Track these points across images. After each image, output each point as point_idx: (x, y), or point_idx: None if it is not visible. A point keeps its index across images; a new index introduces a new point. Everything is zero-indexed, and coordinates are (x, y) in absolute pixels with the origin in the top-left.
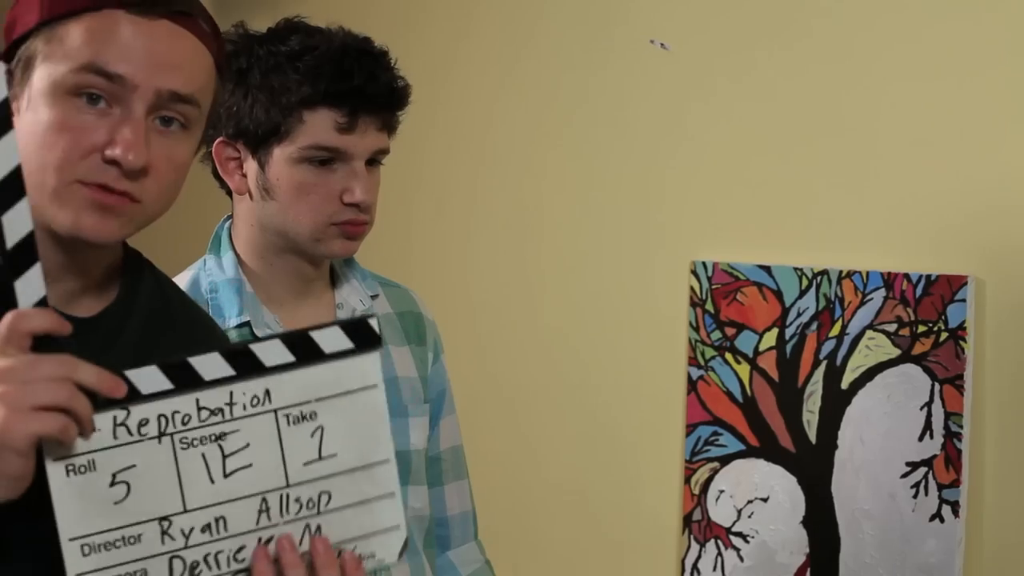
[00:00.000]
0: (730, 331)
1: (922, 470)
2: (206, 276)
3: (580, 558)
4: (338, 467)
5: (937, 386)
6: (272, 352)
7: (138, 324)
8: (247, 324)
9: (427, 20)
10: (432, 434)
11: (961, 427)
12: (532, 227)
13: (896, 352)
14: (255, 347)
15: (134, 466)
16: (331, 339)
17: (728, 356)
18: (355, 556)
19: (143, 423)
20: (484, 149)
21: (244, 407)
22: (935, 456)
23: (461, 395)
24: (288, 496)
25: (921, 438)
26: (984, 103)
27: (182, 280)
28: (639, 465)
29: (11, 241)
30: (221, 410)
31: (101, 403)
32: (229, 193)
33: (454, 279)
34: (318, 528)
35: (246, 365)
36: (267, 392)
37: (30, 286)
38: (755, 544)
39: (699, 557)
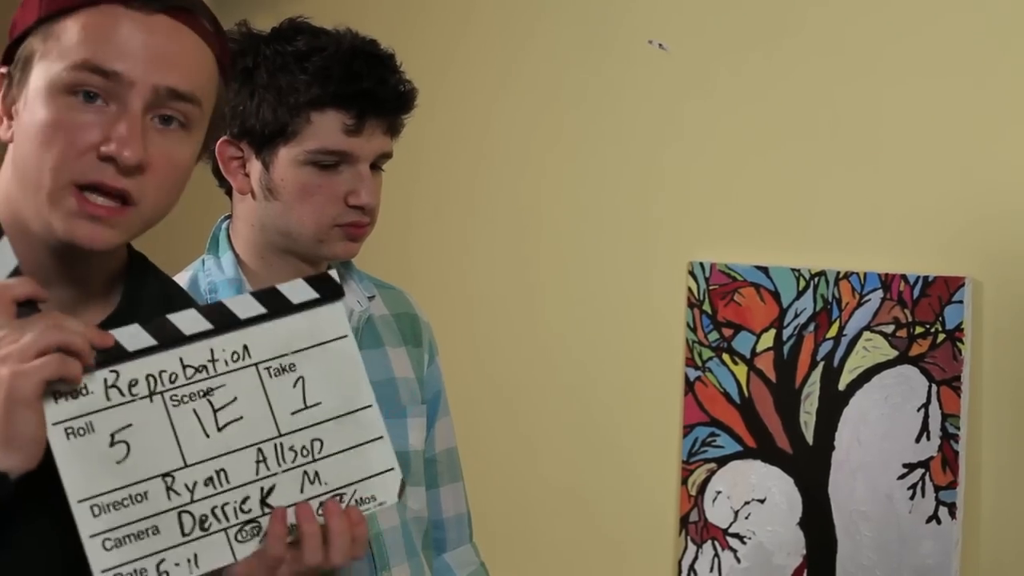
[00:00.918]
0: (727, 332)
1: (919, 471)
2: (205, 276)
3: (577, 559)
4: (325, 414)
5: (934, 387)
6: (244, 306)
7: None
8: None
9: (425, 20)
10: (428, 436)
11: (958, 429)
12: (530, 228)
13: (893, 353)
14: (228, 302)
15: (130, 425)
16: (297, 291)
17: (725, 357)
18: (357, 510)
19: (133, 383)
20: (482, 150)
21: (226, 363)
22: (932, 458)
23: (459, 395)
24: (282, 445)
25: (918, 439)
26: (981, 105)
27: (180, 280)
28: (636, 466)
29: None
30: (204, 367)
31: (90, 367)
32: (228, 192)
33: (452, 279)
34: (316, 474)
35: (221, 319)
36: (245, 348)
37: (1, 259)
38: (752, 545)
39: (696, 558)
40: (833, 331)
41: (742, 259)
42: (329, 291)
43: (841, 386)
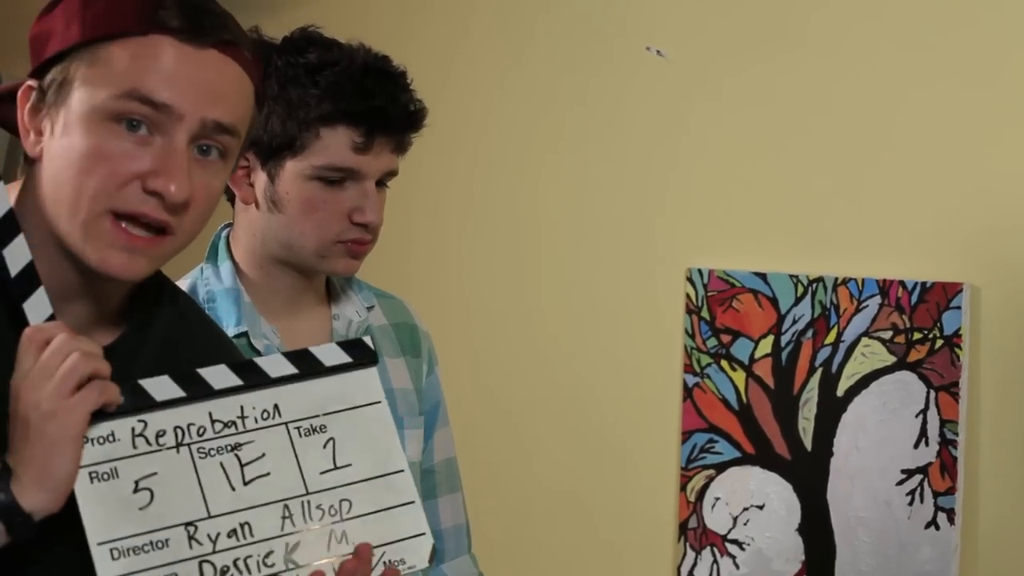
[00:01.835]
0: (726, 338)
1: (917, 477)
2: (203, 285)
3: (577, 565)
4: (354, 476)
5: (932, 393)
6: (275, 365)
7: (153, 350)
8: (244, 335)
9: (424, 25)
10: (426, 446)
11: (956, 434)
12: (528, 234)
13: (891, 359)
14: (260, 361)
15: (155, 474)
16: (330, 354)
17: (724, 363)
18: (395, 570)
19: (160, 434)
20: (480, 156)
21: (256, 420)
22: (930, 463)
23: (458, 403)
24: (310, 503)
25: (916, 445)
26: (980, 111)
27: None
28: (635, 472)
29: (14, 270)
30: (234, 423)
31: (118, 411)
32: (231, 199)
33: (450, 286)
34: (344, 534)
35: (252, 376)
36: (276, 406)
37: (37, 308)
38: (751, 552)
39: (695, 564)
40: (831, 337)
41: (740, 265)
42: (364, 356)
43: (839, 392)
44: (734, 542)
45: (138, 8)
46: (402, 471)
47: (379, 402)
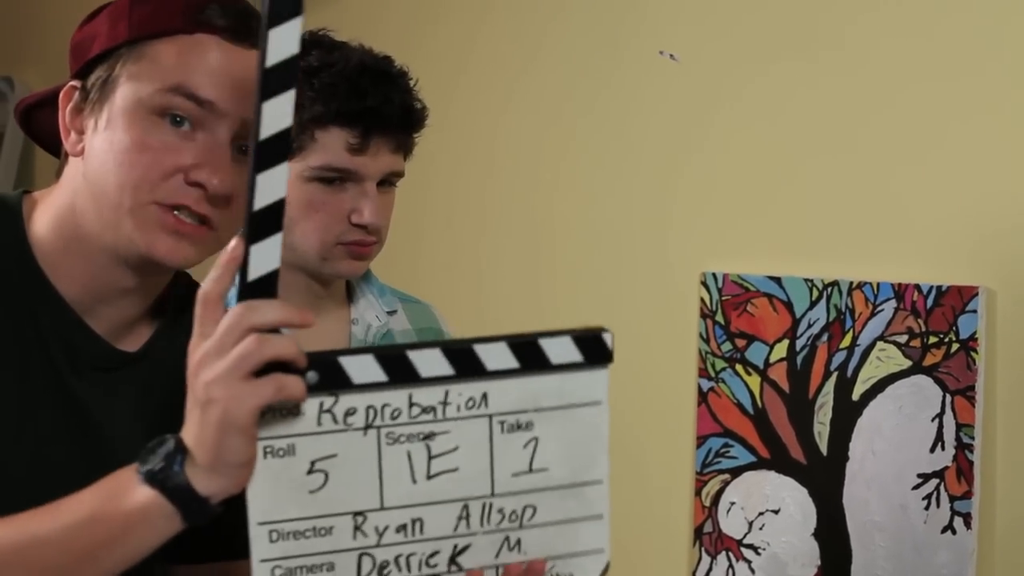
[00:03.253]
0: (740, 342)
1: (934, 482)
2: None
3: None
4: (547, 482)
5: (948, 397)
6: (496, 355)
7: (184, 353)
8: None
9: (436, 31)
10: None
11: (972, 438)
12: (542, 239)
13: (907, 363)
14: (478, 348)
15: (335, 455)
16: (560, 349)
17: (739, 367)
18: None
19: (350, 412)
20: (494, 161)
21: (458, 408)
22: (946, 467)
23: None
24: (491, 506)
25: (932, 449)
26: (995, 114)
27: None
28: (650, 477)
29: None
30: (434, 408)
31: (312, 387)
32: None
33: (464, 291)
34: (518, 542)
35: (466, 366)
36: (484, 396)
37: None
38: (766, 556)
39: (710, 569)
40: (846, 341)
41: (755, 270)
42: (597, 355)
43: (855, 396)
44: (749, 547)
45: (185, 8)
46: (599, 482)
47: (599, 403)
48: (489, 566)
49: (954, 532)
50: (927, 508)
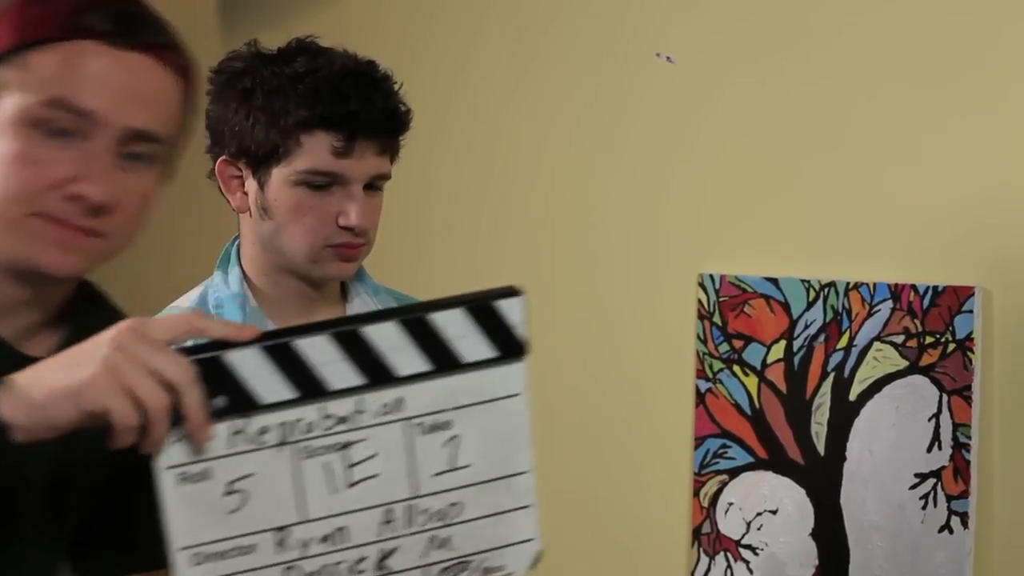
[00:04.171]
0: (738, 343)
1: (931, 481)
2: (213, 292)
3: (590, 572)
4: (472, 478)
5: (945, 397)
6: (407, 361)
7: None
8: None
9: (434, 34)
10: None
11: (969, 438)
12: (540, 239)
13: (904, 363)
14: (389, 357)
15: (252, 475)
16: (473, 348)
17: (736, 368)
18: None
19: (263, 431)
20: (492, 161)
21: (374, 415)
22: (944, 467)
23: None
24: (415, 507)
25: (929, 449)
26: (991, 114)
27: (192, 296)
28: (648, 478)
29: None
30: (348, 418)
31: (220, 412)
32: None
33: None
34: (446, 540)
35: (378, 374)
36: (399, 400)
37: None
38: (764, 556)
39: (708, 570)
40: (843, 342)
41: (752, 270)
42: (511, 349)
43: (852, 397)
44: (747, 547)
45: (64, 14)
46: (525, 472)
47: (518, 394)
48: (418, 566)
49: (951, 531)
50: (924, 508)
